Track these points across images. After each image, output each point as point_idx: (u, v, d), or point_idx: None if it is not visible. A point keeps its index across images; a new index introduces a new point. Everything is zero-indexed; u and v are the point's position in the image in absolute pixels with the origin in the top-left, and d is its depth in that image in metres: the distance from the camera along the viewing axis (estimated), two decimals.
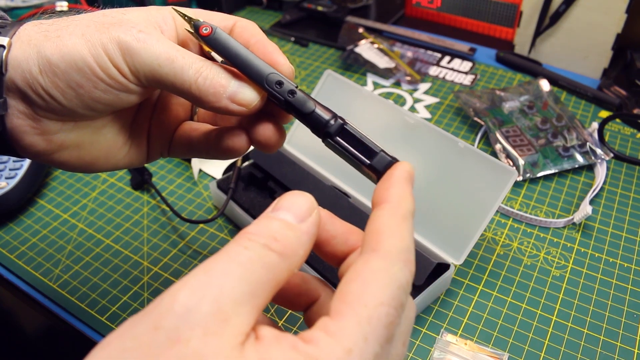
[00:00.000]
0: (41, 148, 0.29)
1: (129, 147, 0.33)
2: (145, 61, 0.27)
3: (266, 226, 0.21)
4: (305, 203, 0.22)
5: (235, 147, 0.31)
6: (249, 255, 0.20)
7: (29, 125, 0.28)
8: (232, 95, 0.28)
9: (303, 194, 0.23)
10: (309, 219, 0.22)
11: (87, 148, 0.31)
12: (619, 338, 0.42)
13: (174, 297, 0.18)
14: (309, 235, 0.22)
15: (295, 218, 0.22)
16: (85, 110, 0.28)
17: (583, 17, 0.68)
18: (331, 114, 0.28)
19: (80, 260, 0.49)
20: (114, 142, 0.32)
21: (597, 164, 0.57)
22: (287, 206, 0.22)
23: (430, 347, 0.42)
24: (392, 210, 0.23)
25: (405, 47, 0.78)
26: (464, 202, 0.46)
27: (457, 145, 0.46)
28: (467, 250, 0.45)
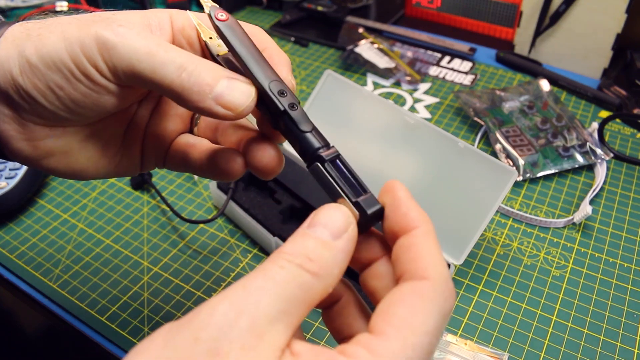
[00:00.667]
0: (28, 154, 0.28)
1: (121, 156, 0.31)
2: (122, 56, 0.25)
3: (301, 245, 0.21)
4: (341, 218, 0.22)
5: (229, 171, 0.29)
6: (284, 275, 0.20)
7: (15, 130, 0.27)
8: (219, 96, 0.25)
9: (339, 207, 0.23)
10: (345, 236, 0.22)
11: (76, 156, 0.29)
12: (619, 338, 0.42)
13: (213, 310, 0.18)
14: (344, 253, 0.22)
15: (331, 235, 0.22)
16: (68, 114, 0.26)
17: (583, 17, 0.68)
18: (325, 141, 0.26)
19: (80, 260, 0.49)
20: (104, 151, 0.30)
21: (597, 164, 0.57)
22: (323, 222, 0.22)
23: None
24: (426, 235, 0.23)
25: (405, 47, 0.78)
26: (463, 202, 0.46)
27: (457, 145, 0.46)
28: (467, 250, 0.45)
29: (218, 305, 0.19)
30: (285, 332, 0.19)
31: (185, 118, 0.33)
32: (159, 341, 0.18)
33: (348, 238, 0.22)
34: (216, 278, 0.48)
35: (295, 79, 0.32)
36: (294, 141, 0.26)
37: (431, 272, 0.21)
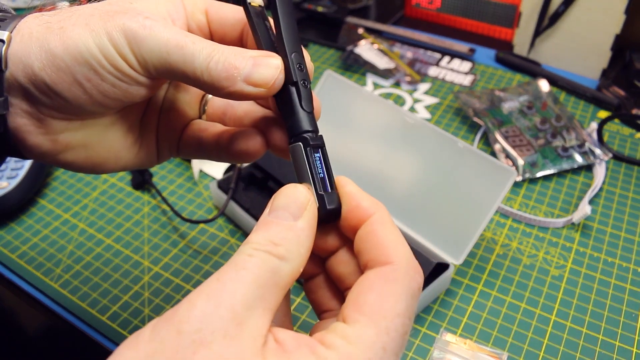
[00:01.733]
0: (46, 149, 0.27)
1: (139, 146, 0.31)
2: (152, 49, 0.25)
3: (265, 232, 0.22)
4: (299, 198, 0.23)
5: (250, 151, 0.29)
6: (254, 263, 0.21)
7: (33, 125, 0.26)
8: (248, 76, 0.25)
9: (296, 187, 0.23)
10: (305, 214, 0.23)
11: (95, 148, 0.29)
12: (618, 337, 0.43)
13: (192, 304, 0.19)
14: (307, 232, 0.23)
15: (291, 216, 0.22)
16: (93, 106, 0.26)
17: (582, 18, 0.69)
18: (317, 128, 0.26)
19: (81, 260, 0.49)
20: (123, 141, 0.30)
21: (596, 164, 0.58)
22: (282, 205, 0.23)
23: (430, 347, 0.42)
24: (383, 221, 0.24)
25: (405, 47, 0.78)
26: (463, 202, 0.46)
27: (457, 145, 0.47)
28: (466, 250, 0.45)
29: (196, 300, 0.19)
30: (263, 317, 0.20)
31: (194, 105, 0.33)
32: (145, 336, 0.19)
33: (309, 216, 0.23)
34: None
35: None
36: (288, 114, 0.26)
37: (393, 255, 0.22)
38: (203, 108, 0.33)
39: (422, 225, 0.48)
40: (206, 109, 0.33)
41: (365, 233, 0.23)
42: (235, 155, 0.30)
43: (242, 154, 0.29)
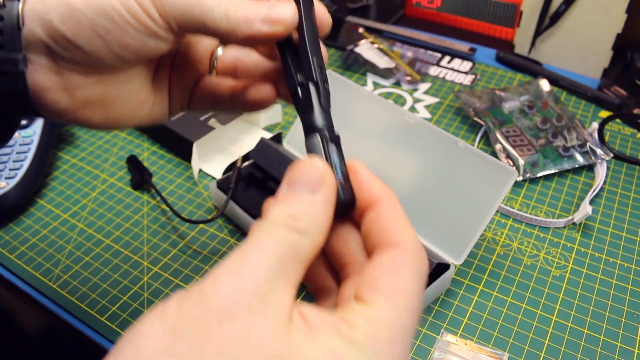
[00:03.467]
0: (65, 105, 0.28)
1: (152, 101, 0.32)
2: (175, 3, 0.26)
3: (284, 208, 0.22)
4: (316, 171, 0.23)
5: (263, 99, 0.31)
6: (274, 239, 0.21)
7: (52, 81, 0.27)
8: (265, 17, 0.27)
9: (312, 161, 0.23)
10: (323, 188, 0.23)
11: (112, 103, 0.30)
12: (619, 338, 0.42)
13: (217, 279, 0.19)
14: (326, 205, 0.22)
15: (309, 190, 0.22)
16: (113, 59, 0.27)
17: (583, 17, 0.68)
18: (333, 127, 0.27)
19: (80, 260, 0.49)
20: (138, 96, 0.31)
21: (597, 164, 0.57)
22: (299, 179, 0.23)
23: (430, 347, 0.42)
24: (392, 206, 0.24)
25: (405, 47, 0.78)
26: (463, 202, 0.46)
27: (457, 145, 0.46)
28: (467, 250, 0.45)
29: (220, 276, 0.19)
30: (287, 293, 0.20)
31: (204, 61, 0.34)
32: (172, 308, 0.19)
33: (327, 188, 0.23)
34: None
35: None
36: (306, 111, 0.27)
37: (403, 239, 0.23)
38: (212, 64, 0.34)
39: (422, 225, 0.47)
40: (216, 65, 0.34)
41: (376, 217, 0.24)
42: (249, 104, 0.32)
43: (256, 102, 0.32)
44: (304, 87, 0.27)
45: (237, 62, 0.33)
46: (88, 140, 0.63)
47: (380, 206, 0.24)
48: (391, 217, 0.24)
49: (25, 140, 0.56)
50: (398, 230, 0.23)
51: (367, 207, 0.24)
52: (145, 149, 0.62)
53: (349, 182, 0.25)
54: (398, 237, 0.23)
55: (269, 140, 0.55)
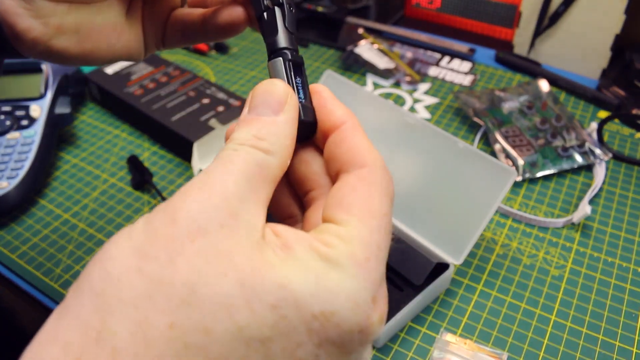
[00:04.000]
0: (38, 33, 0.28)
1: (128, 34, 0.32)
2: None
3: (248, 129, 0.22)
4: (277, 92, 0.23)
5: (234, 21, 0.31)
6: (240, 156, 0.20)
7: (22, 7, 0.27)
8: None
9: (273, 82, 0.23)
10: (286, 107, 0.22)
11: (86, 32, 0.30)
12: (618, 337, 0.43)
13: (185, 195, 0.19)
14: (289, 124, 0.22)
15: (272, 111, 0.22)
16: None
17: (582, 18, 0.69)
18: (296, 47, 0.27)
19: (81, 260, 0.49)
20: (113, 27, 0.31)
21: (596, 164, 0.58)
22: (261, 101, 0.23)
23: (430, 347, 0.42)
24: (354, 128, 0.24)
25: (405, 47, 0.78)
26: (463, 202, 0.46)
27: (457, 145, 0.47)
28: (466, 250, 0.45)
29: (188, 192, 0.19)
30: (258, 210, 0.20)
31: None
32: (139, 226, 0.18)
33: (289, 108, 0.23)
34: None
35: None
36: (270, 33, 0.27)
37: (368, 159, 0.22)
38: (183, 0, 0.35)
39: (422, 225, 0.48)
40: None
41: (340, 139, 0.23)
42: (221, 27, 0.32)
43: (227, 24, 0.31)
44: (270, 10, 0.27)
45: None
46: (89, 141, 0.63)
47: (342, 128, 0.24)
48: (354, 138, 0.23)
49: (27, 140, 0.56)
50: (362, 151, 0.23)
51: (329, 130, 0.24)
52: (145, 149, 0.62)
53: (311, 104, 0.25)
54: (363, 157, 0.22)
55: None
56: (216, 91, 0.65)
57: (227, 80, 0.73)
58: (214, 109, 0.62)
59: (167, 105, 0.62)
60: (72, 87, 0.64)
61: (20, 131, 0.56)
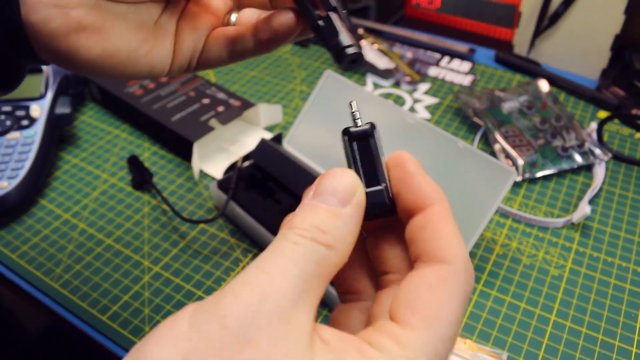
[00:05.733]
0: (57, 24, 0.26)
1: (152, 45, 0.29)
2: None
3: (311, 217, 0.20)
4: (347, 183, 0.21)
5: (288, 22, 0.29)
6: (299, 252, 0.19)
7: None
8: None
9: (344, 172, 0.22)
10: (353, 200, 0.21)
11: (109, 33, 0.27)
12: (617, 337, 0.43)
13: (236, 295, 0.18)
14: (355, 219, 0.21)
15: (339, 202, 0.21)
16: None
17: (582, 18, 0.69)
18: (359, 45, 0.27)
19: (81, 260, 0.49)
20: (137, 33, 0.29)
21: (596, 164, 0.58)
22: (329, 189, 0.21)
23: None
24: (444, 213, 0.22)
25: (405, 47, 0.78)
26: (463, 202, 0.46)
27: (457, 145, 0.47)
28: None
29: (240, 292, 0.18)
30: (308, 313, 0.18)
31: (220, 15, 0.32)
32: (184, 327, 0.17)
33: (357, 203, 0.21)
34: (216, 278, 0.48)
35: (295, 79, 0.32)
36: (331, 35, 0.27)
37: (452, 254, 0.20)
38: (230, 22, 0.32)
39: None
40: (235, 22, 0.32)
41: (424, 223, 0.21)
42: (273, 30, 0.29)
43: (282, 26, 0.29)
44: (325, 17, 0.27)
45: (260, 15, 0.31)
46: (89, 141, 0.63)
47: (429, 211, 0.21)
48: (441, 226, 0.21)
49: (27, 140, 0.56)
50: (447, 241, 0.21)
51: (414, 210, 0.22)
52: (146, 149, 0.62)
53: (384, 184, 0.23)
54: (446, 250, 0.20)
55: (269, 141, 0.55)
56: (216, 91, 0.65)
57: (227, 80, 0.73)
58: (214, 109, 0.62)
59: (167, 105, 0.62)
60: (73, 87, 0.64)
61: (20, 131, 0.56)
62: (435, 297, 0.19)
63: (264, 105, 0.63)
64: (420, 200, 0.22)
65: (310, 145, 0.56)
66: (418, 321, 0.19)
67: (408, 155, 0.23)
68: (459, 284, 0.20)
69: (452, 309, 0.19)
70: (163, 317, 0.45)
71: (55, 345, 0.48)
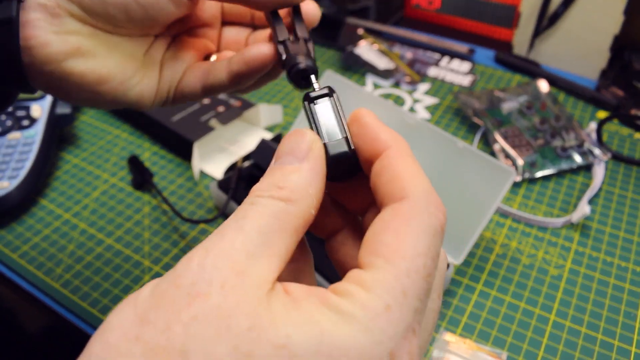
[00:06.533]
0: (55, 49, 0.26)
1: (142, 76, 0.30)
2: None
3: (269, 179, 0.21)
4: (302, 140, 0.21)
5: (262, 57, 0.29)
6: (256, 209, 0.19)
7: (46, 20, 0.26)
8: None
9: (299, 131, 0.22)
10: (310, 154, 0.21)
11: (103, 58, 0.28)
12: (617, 337, 0.43)
13: (190, 258, 0.18)
14: (313, 171, 0.21)
15: (295, 159, 0.21)
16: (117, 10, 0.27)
17: (581, 19, 0.69)
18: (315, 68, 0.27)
19: (81, 259, 0.50)
20: (129, 64, 0.30)
21: (595, 164, 0.58)
22: (286, 150, 0.21)
23: (430, 346, 0.42)
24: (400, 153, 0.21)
25: (405, 48, 0.78)
26: (463, 202, 0.46)
27: (456, 145, 0.47)
28: (466, 249, 0.45)
29: (193, 255, 0.18)
30: (270, 264, 0.18)
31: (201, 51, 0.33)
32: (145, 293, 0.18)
33: (314, 156, 0.21)
34: None
35: None
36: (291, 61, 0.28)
37: (410, 189, 0.20)
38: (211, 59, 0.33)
39: None
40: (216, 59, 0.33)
41: (381, 167, 0.21)
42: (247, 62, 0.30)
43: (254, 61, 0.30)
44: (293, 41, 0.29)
45: None
46: (90, 141, 0.63)
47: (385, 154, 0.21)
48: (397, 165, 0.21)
49: (28, 140, 0.56)
50: (404, 178, 0.20)
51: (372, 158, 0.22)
52: (146, 149, 0.62)
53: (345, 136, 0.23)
54: (402, 186, 0.20)
55: (269, 141, 0.55)
56: None
57: None
58: (214, 109, 0.62)
59: None
60: None
61: (21, 131, 0.56)
62: (395, 234, 0.19)
63: (264, 106, 0.63)
64: (377, 146, 0.22)
65: None
66: (379, 261, 0.18)
67: (365, 110, 0.23)
68: (418, 214, 0.19)
69: (414, 241, 0.19)
70: None
71: (56, 345, 0.48)
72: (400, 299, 0.17)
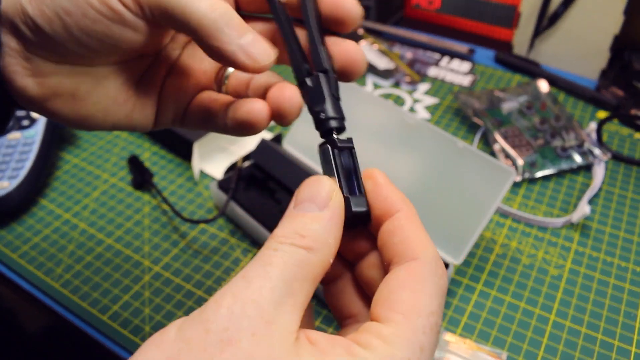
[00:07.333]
0: (34, 93, 0.26)
1: (133, 106, 0.29)
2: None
3: (290, 225, 0.21)
4: (324, 188, 0.22)
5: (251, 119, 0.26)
6: (280, 257, 0.20)
7: (20, 65, 0.25)
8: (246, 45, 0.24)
9: (319, 178, 0.23)
10: (331, 204, 0.22)
11: (84, 99, 0.27)
12: (617, 337, 0.43)
13: (218, 303, 0.19)
14: (334, 221, 0.22)
15: (317, 207, 0.22)
16: (76, 46, 0.24)
17: (581, 19, 0.69)
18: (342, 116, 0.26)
19: (81, 259, 0.50)
20: (115, 97, 0.28)
21: (595, 164, 0.58)
22: (307, 197, 0.22)
23: None
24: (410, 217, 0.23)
25: (405, 48, 0.78)
26: (463, 202, 0.46)
27: (456, 145, 0.47)
28: (466, 249, 0.45)
29: (222, 299, 0.19)
30: (293, 313, 0.19)
31: (210, 74, 0.30)
32: (171, 335, 0.18)
33: (335, 205, 0.22)
34: (217, 277, 0.48)
35: None
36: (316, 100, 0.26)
37: (421, 252, 0.22)
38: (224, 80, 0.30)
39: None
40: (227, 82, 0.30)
41: (392, 227, 0.23)
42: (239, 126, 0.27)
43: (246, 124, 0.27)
44: (313, 76, 0.26)
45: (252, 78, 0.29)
46: (90, 141, 0.63)
47: (396, 216, 0.23)
48: (408, 227, 0.22)
49: (28, 140, 0.56)
50: (415, 241, 0.22)
51: (383, 217, 0.23)
52: (146, 149, 0.62)
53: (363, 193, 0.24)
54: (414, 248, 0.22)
55: (269, 141, 0.55)
56: None
57: None
58: None
59: None
60: None
61: (21, 131, 0.56)
62: (411, 292, 0.20)
63: None
64: (388, 207, 0.23)
65: (310, 145, 0.56)
66: (398, 317, 0.20)
67: (377, 170, 0.25)
68: (430, 276, 0.21)
69: (428, 300, 0.20)
70: (163, 317, 0.45)
71: (56, 345, 0.48)
72: (418, 353, 0.19)
